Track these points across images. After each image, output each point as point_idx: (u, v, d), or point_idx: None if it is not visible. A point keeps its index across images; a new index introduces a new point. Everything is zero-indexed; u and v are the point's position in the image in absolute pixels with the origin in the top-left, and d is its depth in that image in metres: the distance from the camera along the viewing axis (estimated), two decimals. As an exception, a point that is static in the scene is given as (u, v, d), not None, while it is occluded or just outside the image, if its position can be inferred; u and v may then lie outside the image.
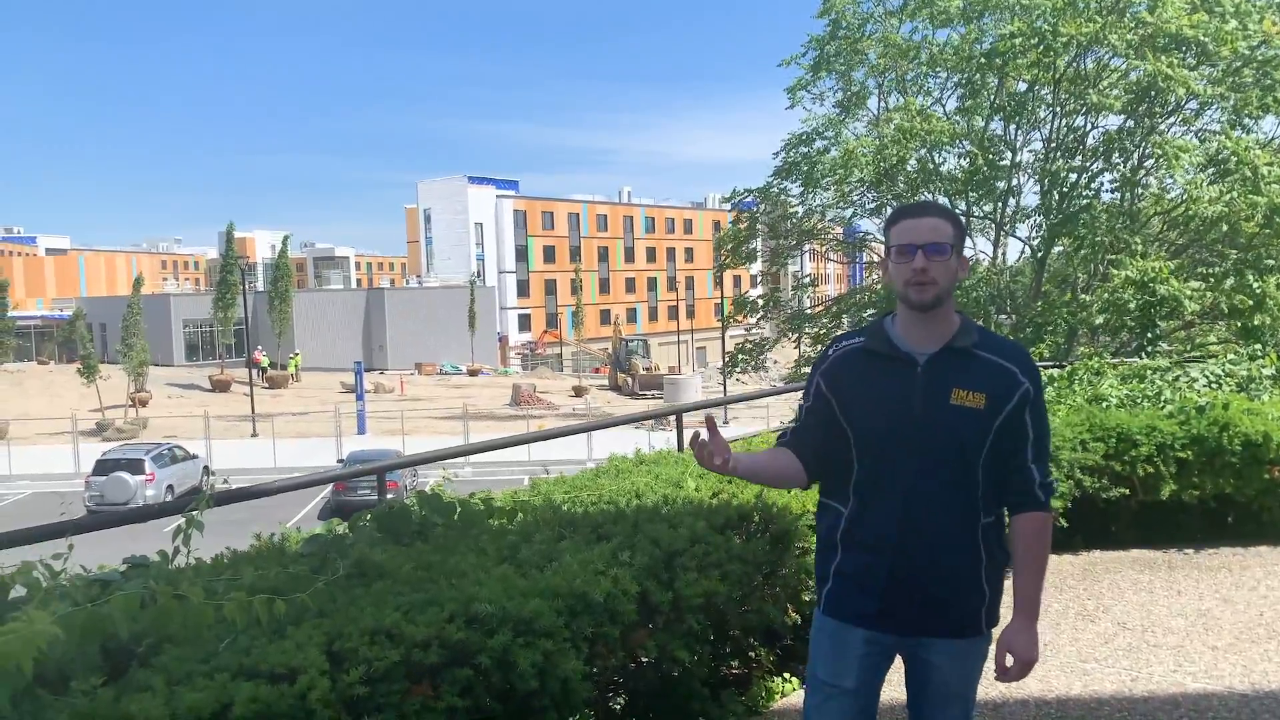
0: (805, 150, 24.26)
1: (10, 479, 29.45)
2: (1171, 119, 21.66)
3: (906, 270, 2.29)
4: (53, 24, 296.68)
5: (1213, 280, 19.03)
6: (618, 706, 3.56)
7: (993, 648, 2.39)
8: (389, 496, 4.79)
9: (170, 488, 26.70)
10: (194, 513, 2.85)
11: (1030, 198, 24.57)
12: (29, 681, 2.16)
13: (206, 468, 29.77)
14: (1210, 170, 20.14)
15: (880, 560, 2.34)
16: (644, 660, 3.41)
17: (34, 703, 2.10)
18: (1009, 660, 2.33)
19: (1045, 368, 7.96)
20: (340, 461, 27.85)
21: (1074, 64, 21.57)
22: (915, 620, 2.35)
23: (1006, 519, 2.43)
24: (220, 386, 48.70)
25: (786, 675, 4.15)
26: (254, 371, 45.86)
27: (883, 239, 2.62)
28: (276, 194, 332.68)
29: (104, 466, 26.25)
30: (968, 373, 2.30)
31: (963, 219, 2.45)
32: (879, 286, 26.09)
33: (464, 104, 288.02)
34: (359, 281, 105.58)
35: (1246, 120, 20.45)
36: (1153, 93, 20.14)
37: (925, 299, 2.29)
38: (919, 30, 23.85)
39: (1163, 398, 6.97)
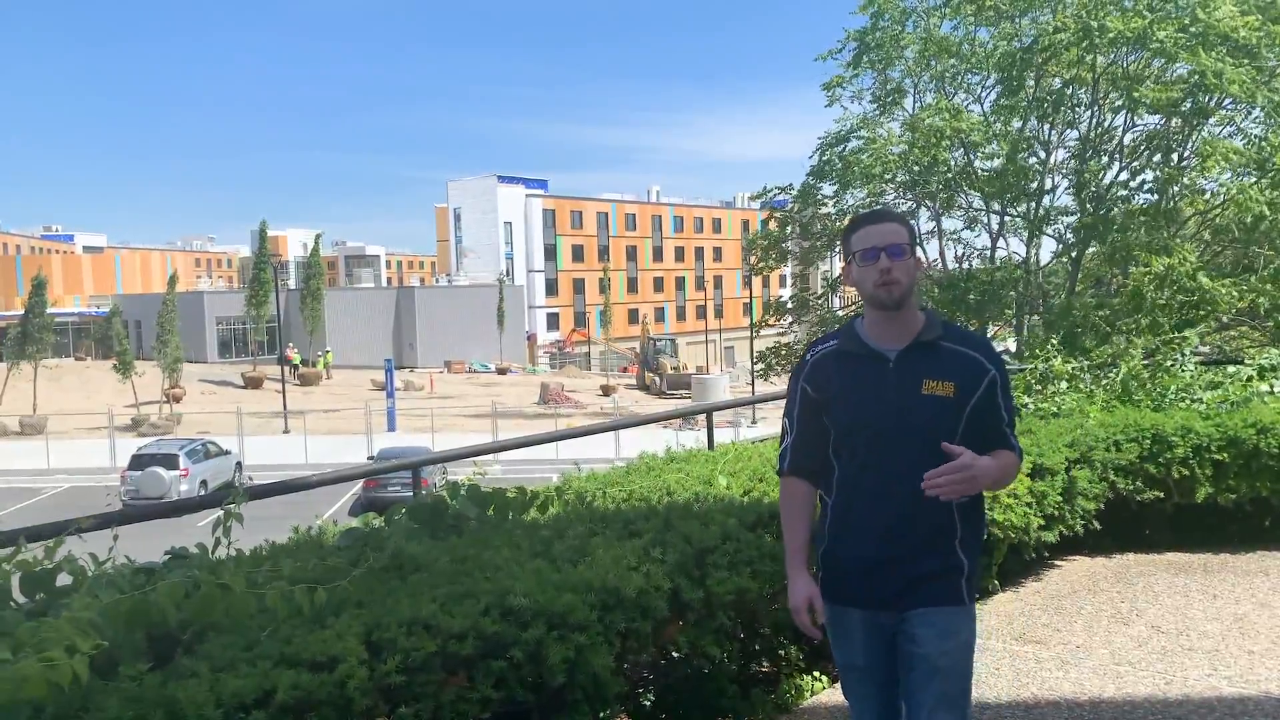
0: (840, 150, 24.10)
1: (48, 473, 29.97)
2: (1213, 119, 21.28)
3: (874, 272, 2.46)
4: (89, 23, 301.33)
5: (1254, 280, 18.69)
6: (648, 702, 3.59)
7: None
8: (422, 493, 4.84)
9: (204, 483, 27.05)
10: (231, 506, 2.90)
11: (1064, 198, 24.23)
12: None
13: (239, 463, 30.14)
14: (1255, 173, 19.80)
15: (868, 546, 2.51)
16: (675, 656, 3.43)
17: (83, 688, 2.15)
18: (965, 458, 2.36)
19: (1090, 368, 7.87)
20: (371, 458, 28.10)
21: (1116, 63, 21.24)
22: (901, 597, 2.49)
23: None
24: (253, 383, 49.29)
25: (816, 674, 4.16)
26: (286, 368, 46.34)
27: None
28: (308, 192, 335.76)
29: (139, 461, 26.66)
30: (937, 364, 2.47)
31: (914, 223, 2.60)
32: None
33: (496, 102, 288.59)
34: (389, 280, 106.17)
35: None
36: (1197, 92, 19.76)
37: (894, 297, 2.46)
38: (961, 28, 23.61)
39: (1199, 397, 6.88)
